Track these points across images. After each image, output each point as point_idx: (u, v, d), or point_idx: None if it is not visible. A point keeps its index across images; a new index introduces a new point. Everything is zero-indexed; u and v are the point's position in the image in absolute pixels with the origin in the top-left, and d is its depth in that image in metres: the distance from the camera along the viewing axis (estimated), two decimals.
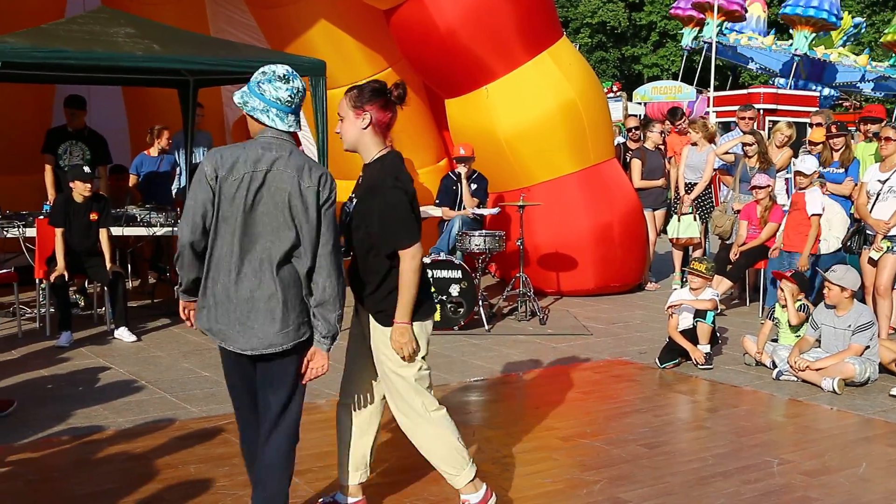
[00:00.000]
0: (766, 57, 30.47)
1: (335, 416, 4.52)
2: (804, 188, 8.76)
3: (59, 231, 8.18)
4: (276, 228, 3.73)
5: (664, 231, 11.62)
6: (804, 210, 8.71)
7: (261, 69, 3.86)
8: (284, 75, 3.82)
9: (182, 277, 3.84)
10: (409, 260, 4.04)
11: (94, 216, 8.30)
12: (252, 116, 3.84)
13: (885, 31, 28.56)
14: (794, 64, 28.22)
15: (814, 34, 27.83)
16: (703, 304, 7.71)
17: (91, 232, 8.32)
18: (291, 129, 3.87)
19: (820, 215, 8.69)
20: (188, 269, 3.79)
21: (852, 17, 30.48)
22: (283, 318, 3.75)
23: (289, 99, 3.83)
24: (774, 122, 10.97)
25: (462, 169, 10.02)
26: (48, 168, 9.66)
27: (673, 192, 11.46)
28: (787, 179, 10.39)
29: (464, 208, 9.95)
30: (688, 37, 31.04)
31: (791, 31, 28.63)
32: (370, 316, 4.22)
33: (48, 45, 7.61)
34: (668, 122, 13.06)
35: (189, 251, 3.73)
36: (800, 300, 7.57)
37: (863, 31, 31.11)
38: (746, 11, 28.93)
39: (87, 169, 8.35)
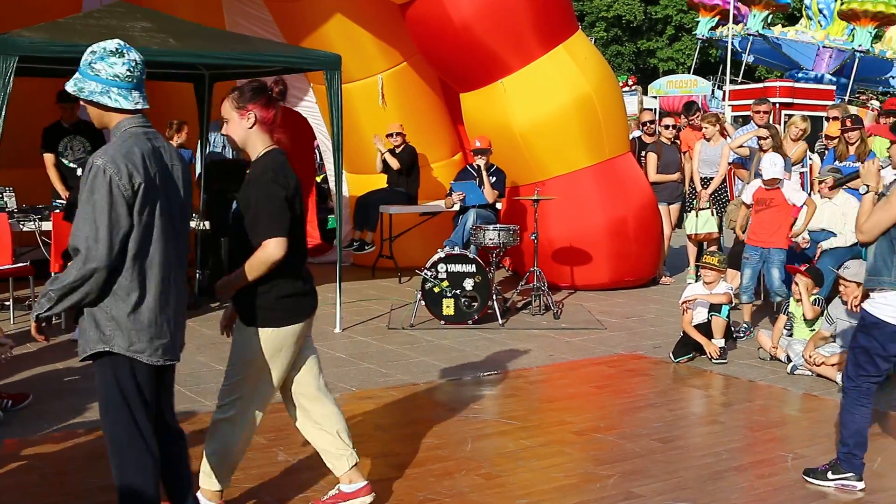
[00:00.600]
0: (741, 42, 30.65)
1: (347, 411, 4.54)
2: (775, 188, 8.48)
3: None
4: (181, 227, 3.62)
5: (678, 225, 11.58)
6: (779, 207, 8.44)
7: (89, 49, 3.54)
8: (117, 49, 3.53)
9: (79, 301, 3.44)
10: (268, 249, 3.99)
11: None
12: (92, 102, 3.55)
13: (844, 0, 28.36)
14: (750, 42, 28.57)
15: (767, 13, 27.99)
16: (717, 298, 7.69)
17: None
18: (139, 107, 3.57)
19: (809, 196, 8.56)
20: (99, 293, 3.43)
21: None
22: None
23: (128, 73, 3.53)
24: (790, 116, 10.90)
25: (480, 161, 10.03)
26: (50, 166, 9.66)
27: (687, 186, 11.42)
28: (801, 173, 10.34)
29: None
30: (704, 26, 31.01)
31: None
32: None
33: (65, 40, 7.64)
34: (683, 116, 13.00)
35: (105, 275, 3.40)
36: (814, 294, 7.54)
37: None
38: (741, 13, 29.19)
39: None
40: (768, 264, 8.38)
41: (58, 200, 9.34)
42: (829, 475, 4.93)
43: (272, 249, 3.98)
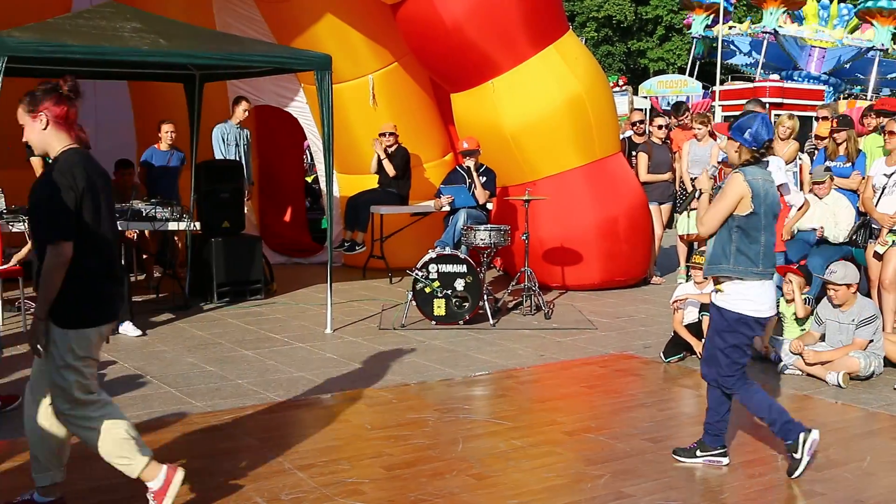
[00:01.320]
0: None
1: (338, 412, 4.52)
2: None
3: None
4: None
5: (669, 226, 11.59)
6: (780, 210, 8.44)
7: None
8: None
9: None
10: (50, 256, 4.00)
11: None
12: None
13: None
14: (696, 41, 29.32)
15: (706, 15, 28.46)
16: (708, 297, 7.68)
17: None
18: None
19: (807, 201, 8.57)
20: None
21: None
22: None
23: None
24: (779, 116, 10.93)
25: (469, 162, 10.02)
26: (39, 169, 9.62)
27: (678, 186, 11.44)
28: (793, 173, 10.35)
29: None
30: (699, 24, 31.23)
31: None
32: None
33: (54, 40, 7.62)
34: (672, 116, 13.03)
35: None
36: (805, 293, 7.56)
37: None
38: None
39: None
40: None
41: None
42: (795, 455, 5.00)
43: (55, 254, 3.99)
